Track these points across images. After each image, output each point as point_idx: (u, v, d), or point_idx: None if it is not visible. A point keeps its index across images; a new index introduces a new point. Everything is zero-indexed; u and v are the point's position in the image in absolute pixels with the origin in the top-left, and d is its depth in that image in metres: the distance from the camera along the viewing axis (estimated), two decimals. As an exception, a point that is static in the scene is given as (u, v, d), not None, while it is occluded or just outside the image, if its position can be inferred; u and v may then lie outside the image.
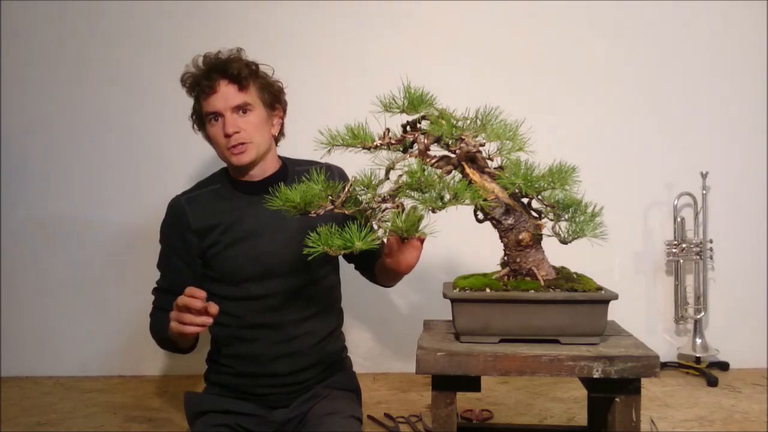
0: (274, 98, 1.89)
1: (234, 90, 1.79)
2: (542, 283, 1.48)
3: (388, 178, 1.48)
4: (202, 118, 1.86)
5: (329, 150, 1.51)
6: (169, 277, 1.86)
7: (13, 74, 2.77)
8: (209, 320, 1.59)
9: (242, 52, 1.87)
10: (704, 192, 2.71)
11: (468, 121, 1.51)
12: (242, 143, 1.79)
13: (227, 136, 1.78)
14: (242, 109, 1.80)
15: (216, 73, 1.79)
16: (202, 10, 2.75)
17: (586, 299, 1.45)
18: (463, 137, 1.47)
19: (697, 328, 2.70)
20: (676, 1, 2.76)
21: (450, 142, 1.50)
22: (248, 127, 1.80)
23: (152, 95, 2.77)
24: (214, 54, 1.85)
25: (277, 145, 1.94)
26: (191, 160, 2.66)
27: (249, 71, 1.83)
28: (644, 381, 1.46)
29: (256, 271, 1.80)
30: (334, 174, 1.87)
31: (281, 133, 1.94)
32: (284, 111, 1.94)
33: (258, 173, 1.86)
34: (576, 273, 1.56)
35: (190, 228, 1.83)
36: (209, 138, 1.86)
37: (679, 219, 2.73)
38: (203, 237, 1.83)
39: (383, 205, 1.44)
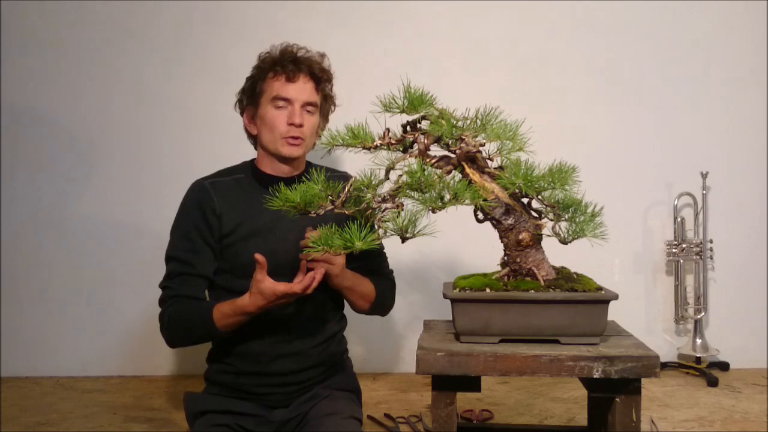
0: (328, 110, 1.96)
1: (311, 87, 1.86)
2: (542, 283, 1.48)
3: (388, 178, 1.48)
4: (255, 98, 1.87)
5: (329, 150, 1.51)
6: (191, 260, 1.81)
7: (12, 70, 2.77)
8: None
9: (325, 58, 1.93)
10: (704, 192, 2.71)
11: (468, 121, 1.51)
12: (300, 137, 1.83)
13: (292, 124, 1.81)
14: (310, 107, 1.86)
15: (302, 65, 1.85)
16: (203, 12, 2.76)
17: (586, 299, 1.45)
18: (463, 137, 1.47)
19: (697, 328, 2.70)
20: (675, 1, 2.76)
21: (450, 142, 1.50)
22: (309, 126, 1.85)
23: (156, 97, 2.78)
24: (301, 48, 1.89)
25: None
26: (193, 160, 2.66)
27: (327, 77, 1.91)
28: (644, 381, 1.46)
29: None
30: None
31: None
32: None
33: (287, 171, 1.88)
34: (576, 273, 1.56)
35: (215, 211, 1.82)
36: (263, 119, 1.85)
37: (679, 219, 2.74)
38: (222, 224, 1.83)
39: (383, 205, 1.44)
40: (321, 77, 1.88)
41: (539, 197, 1.50)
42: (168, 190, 2.12)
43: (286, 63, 1.84)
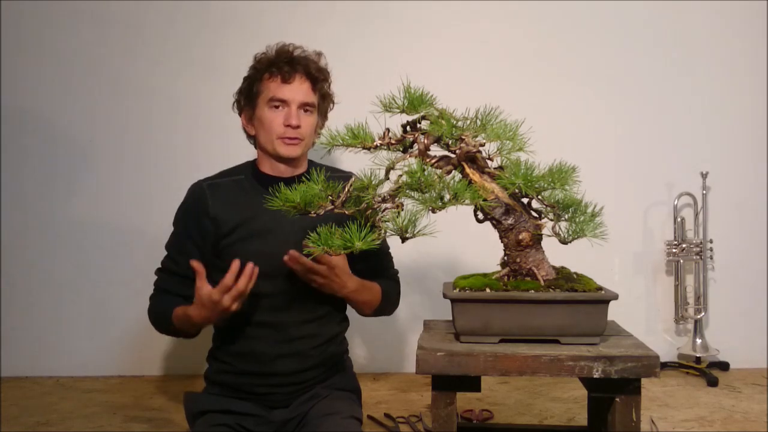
0: (327, 108, 1.95)
1: (308, 87, 1.86)
2: (542, 283, 1.47)
3: (388, 178, 1.48)
4: (252, 99, 1.87)
5: (329, 150, 1.51)
6: (178, 260, 1.84)
7: (13, 72, 2.77)
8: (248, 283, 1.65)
9: (322, 57, 1.92)
10: (704, 192, 2.71)
11: (468, 121, 1.51)
12: (297, 138, 1.83)
13: (289, 126, 1.81)
14: (307, 107, 1.85)
15: (298, 65, 1.85)
16: (203, 12, 2.76)
17: (586, 299, 1.45)
18: (463, 137, 1.47)
19: (697, 328, 2.70)
20: (676, 1, 2.76)
21: (450, 142, 1.50)
22: (306, 126, 1.85)
23: (157, 98, 2.78)
24: (297, 47, 1.89)
25: None
26: (194, 161, 2.67)
27: (323, 76, 1.90)
28: (644, 381, 1.45)
29: (265, 269, 1.79)
30: None
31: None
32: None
33: (287, 171, 1.88)
34: (576, 273, 1.56)
35: (208, 214, 1.84)
36: (260, 121, 1.85)
37: (679, 219, 2.74)
38: (219, 225, 1.83)
39: (383, 205, 1.44)
40: (317, 77, 1.87)
41: (539, 197, 1.50)
42: (169, 190, 2.12)
43: (282, 64, 1.84)
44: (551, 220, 1.51)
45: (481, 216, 1.52)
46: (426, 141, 1.49)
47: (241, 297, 1.67)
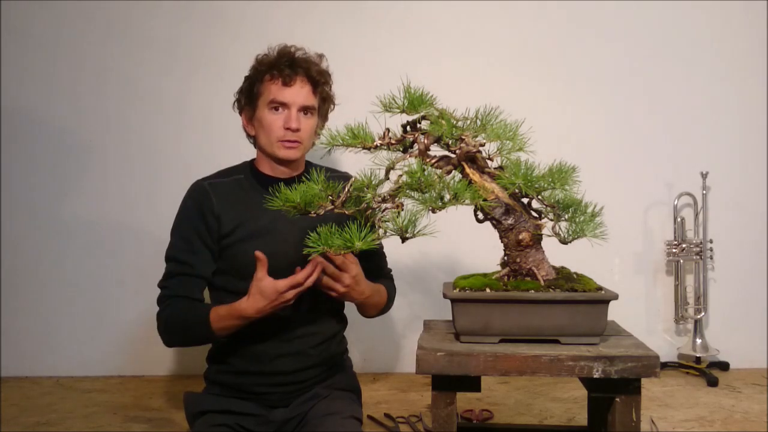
0: (327, 110, 1.94)
1: (309, 90, 1.84)
2: (542, 283, 1.48)
3: (388, 178, 1.48)
4: (252, 100, 1.86)
5: (329, 150, 1.51)
6: (191, 261, 1.81)
7: (13, 73, 2.77)
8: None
9: (323, 59, 1.91)
10: (704, 192, 2.71)
11: (468, 121, 1.51)
12: (297, 141, 1.82)
13: (288, 129, 1.80)
14: (307, 110, 1.84)
15: (299, 68, 1.83)
16: (201, 11, 2.76)
17: (586, 299, 1.45)
18: (463, 137, 1.47)
19: (697, 328, 2.70)
20: (676, 2, 2.76)
21: (450, 142, 1.50)
22: (306, 129, 1.84)
23: (152, 97, 2.77)
24: (299, 49, 1.88)
25: None
26: (190, 160, 2.67)
27: (324, 79, 1.89)
28: (644, 381, 1.46)
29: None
30: None
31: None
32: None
33: (286, 172, 1.88)
34: (576, 273, 1.56)
35: (213, 212, 1.82)
36: (260, 122, 1.84)
37: (679, 219, 2.74)
38: (221, 224, 1.82)
39: (383, 205, 1.44)
40: (318, 80, 1.86)
41: (539, 197, 1.50)
42: (166, 189, 2.13)
43: (283, 66, 1.82)
44: (551, 220, 1.51)
45: (481, 216, 1.52)
46: (426, 141, 1.50)
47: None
